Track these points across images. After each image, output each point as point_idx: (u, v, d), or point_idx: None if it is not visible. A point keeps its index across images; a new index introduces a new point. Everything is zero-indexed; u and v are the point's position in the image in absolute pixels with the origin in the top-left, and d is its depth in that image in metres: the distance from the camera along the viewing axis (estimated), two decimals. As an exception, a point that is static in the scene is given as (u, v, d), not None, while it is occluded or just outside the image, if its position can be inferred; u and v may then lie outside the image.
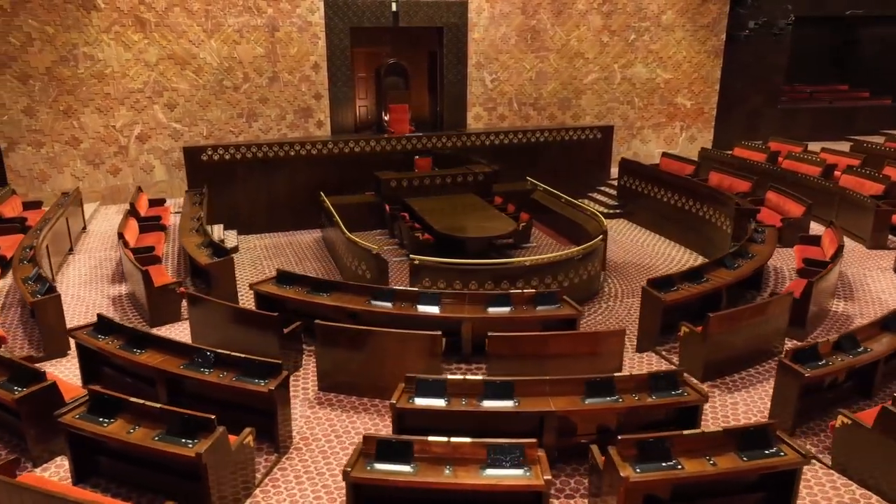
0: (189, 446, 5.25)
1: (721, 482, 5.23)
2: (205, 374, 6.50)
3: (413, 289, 8.72)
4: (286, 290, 8.72)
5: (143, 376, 7.00)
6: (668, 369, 6.43)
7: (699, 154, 16.55)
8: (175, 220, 13.21)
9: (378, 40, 16.28)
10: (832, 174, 14.18)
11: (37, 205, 12.81)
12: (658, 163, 15.77)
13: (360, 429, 6.92)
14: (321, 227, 13.86)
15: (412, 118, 16.54)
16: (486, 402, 6.08)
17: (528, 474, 4.95)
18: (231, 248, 13.00)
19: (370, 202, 14.21)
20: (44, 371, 6.14)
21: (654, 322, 8.50)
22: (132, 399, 5.63)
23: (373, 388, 7.42)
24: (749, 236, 10.38)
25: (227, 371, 6.52)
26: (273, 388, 6.20)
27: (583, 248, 10.93)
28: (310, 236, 14.05)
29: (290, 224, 14.31)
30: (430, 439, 5.10)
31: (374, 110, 16.73)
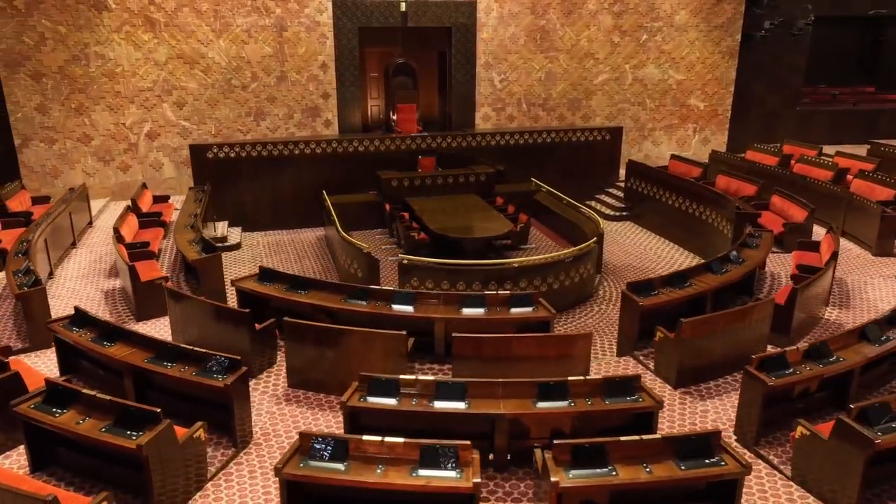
0: (133, 438, 5.35)
1: (661, 490, 5.15)
2: (166, 368, 6.61)
3: (388, 288, 8.74)
4: (266, 288, 8.82)
5: (113, 369, 7.14)
6: (624, 374, 6.33)
7: (709, 156, 16.26)
8: (176, 217, 13.43)
9: (391, 40, 16.36)
10: (844, 178, 13.80)
11: (45, 200, 13.17)
12: (667, 165, 15.54)
13: (322, 426, 6.97)
14: (324, 225, 13.97)
15: (421, 118, 16.58)
16: (438, 403, 6.07)
17: (458, 476, 4.92)
18: (233, 245, 13.26)
19: (372, 201, 14.28)
20: (7, 361, 6.30)
21: (632, 326, 8.38)
22: (84, 391, 5.76)
23: (340, 386, 7.39)
24: (742, 241, 10.17)
25: (189, 366, 6.62)
26: (229, 383, 6.27)
27: (573, 250, 10.84)
28: (312, 234, 14.17)
29: (294, 222, 14.44)
30: (365, 438, 5.12)
31: (385, 110, 16.82)
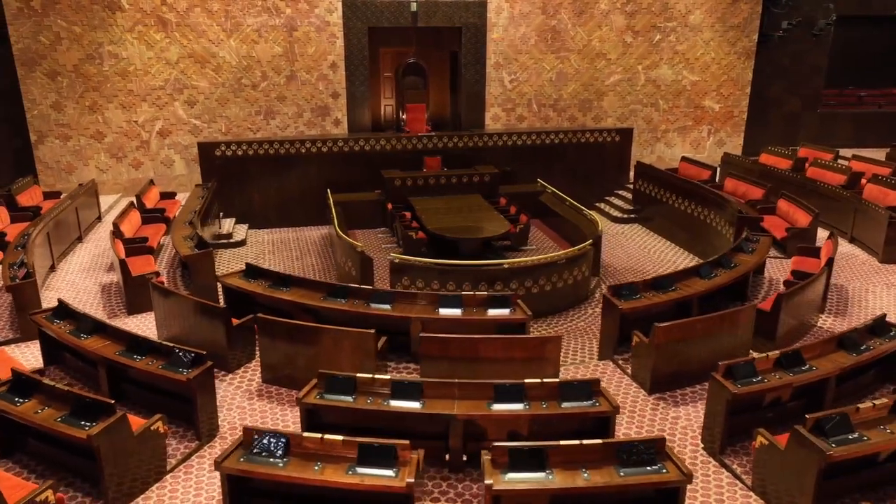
0: (86, 428, 5.47)
1: (604, 496, 5.07)
2: (135, 361, 6.74)
3: (366, 287, 8.78)
4: (250, 284, 8.93)
5: (91, 361, 7.31)
6: (583, 378, 6.25)
7: (722, 159, 15.95)
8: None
9: (406, 40, 16.41)
10: (858, 183, 13.41)
11: (56, 195, 13.52)
12: (677, 167, 15.30)
13: (290, 423, 7.03)
14: (328, 223, 14.07)
15: (433, 118, 16.60)
16: (394, 402, 6.08)
17: (394, 475, 4.92)
18: (238, 242, 13.46)
19: (376, 201, 14.34)
20: (-21, 351, 6.50)
21: (613, 330, 8.28)
22: (45, 381, 5.90)
23: (312, 383, 7.51)
24: (737, 245, 9.97)
25: (158, 359, 6.74)
26: (192, 377, 6.37)
27: (567, 252, 10.75)
28: (317, 232, 14.30)
29: (299, 220, 14.58)
30: (305, 435, 5.15)
31: (396, 109, 16.88)
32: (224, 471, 5.05)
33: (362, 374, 6.19)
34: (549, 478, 4.89)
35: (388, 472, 4.95)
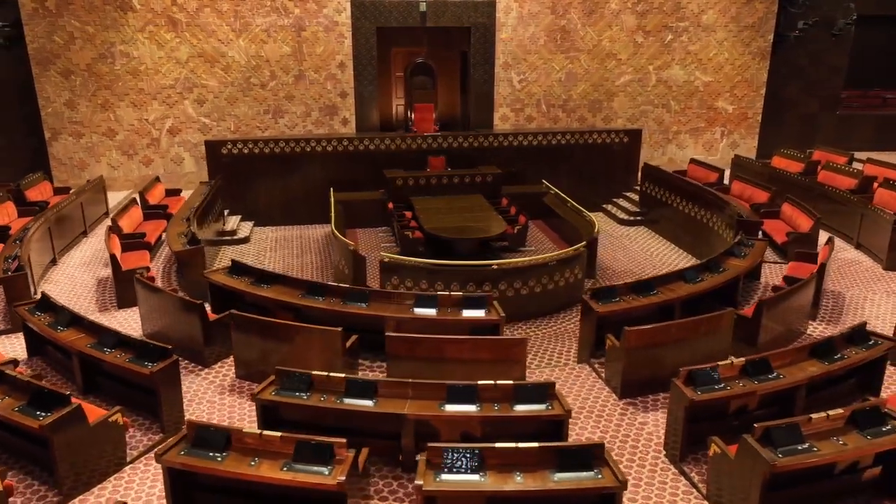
0: (40, 419, 5.60)
1: (540, 500, 5.02)
2: (105, 353, 6.88)
3: (344, 285, 8.81)
4: (233, 280, 9.03)
5: (67, 353, 7.48)
6: (538, 382, 6.18)
7: (732, 161, 15.64)
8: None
9: (417, 40, 16.46)
10: (870, 187, 13.03)
11: (66, 191, 13.85)
12: (685, 169, 15.06)
13: (254, 418, 7.09)
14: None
15: (443, 118, 16.59)
16: (348, 400, 6.10)
17: (327, 473, 4.94)
18: (242, 239, 13.63)
19: (379, 200, 14.39)
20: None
21: (589, 333, 8.19)
22: (7, 371, 6.06)
23: (283, 380, 7.57)
24: (728, 249, 9.76)
25: (126, 352, 6.87)
26: (155, 370, 6.48)
27: (557, 253, 10.66)
28: (321, 230, 14.39)
29: (304, 218, 14.68)
30: (245, 430, 5.19)
31: (406, 109, 16.93)
32: (164, 463, 5.12)
33: (317, 372, 6.22)
34: (483, 480, 4.85)
35: (323, 470, 4.97)
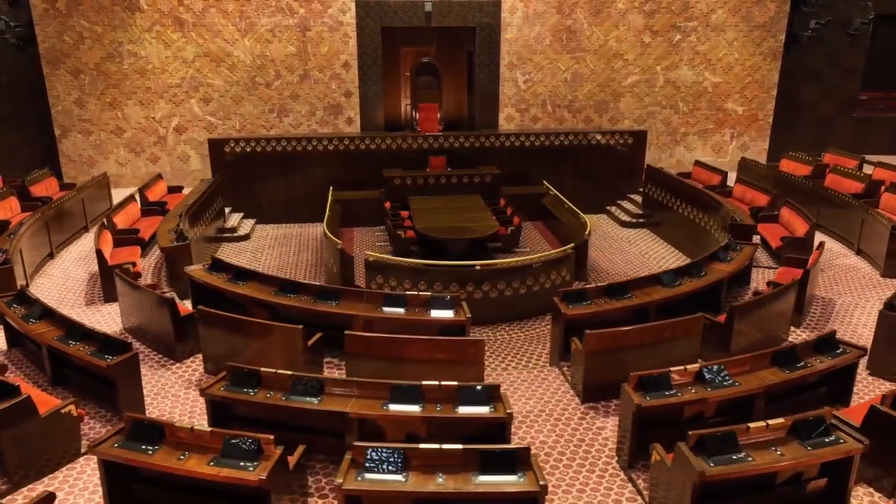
0: (-14, 409, 5.74)
1: (463, 502, 4.97)
2: (69, 346, 7.02)
3: (315, 283, 8.85)
4: (211, 277, 9.13)
5: (38, 345, 7.65)
6: (484, 384, 6.13)
7: (738, 163, 15.32)
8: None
9: (425, 40, 16.46)
10: (877, 192, 12.64)
11: (71, 187, 14.17)
12: (689, 172, 14.80)
13: (215, 413, 7.17)
14: (333, 220, 14.25)
15: (448, 118, 16.56)
16: (294, 397, 6.13)
17: (252, 469, 4.96)
18: (242, 236, 13.79)
19: (377, 199, 14.42)
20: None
21: (558, 336, 8.10)
22: (-35, 361, 6.22)
23: (247, 376, 7.63)
24: (712, 253, 9.57)
25: (89, 345, 7.00)
26: (113, 363, 6.59)
27: (541, 255, 10.58)
28: (320, 229, 14.41)
29: (305, 216, 14.77)
30: (176, 424, 5.26)
31: (411, 109, 16.95)
32: (97, 454, 5.21)
33: (266, 369, 6.26)
34: (405, 480, 4.83)
35: (248, 466, 5.00)
